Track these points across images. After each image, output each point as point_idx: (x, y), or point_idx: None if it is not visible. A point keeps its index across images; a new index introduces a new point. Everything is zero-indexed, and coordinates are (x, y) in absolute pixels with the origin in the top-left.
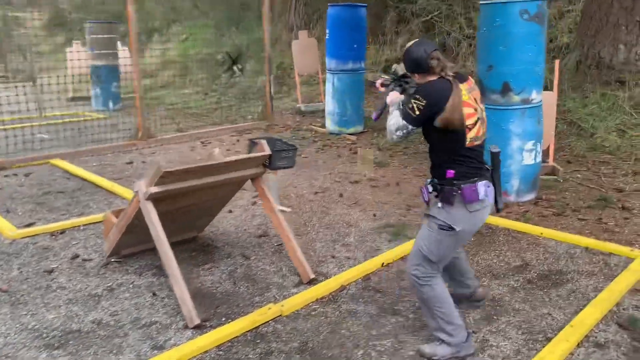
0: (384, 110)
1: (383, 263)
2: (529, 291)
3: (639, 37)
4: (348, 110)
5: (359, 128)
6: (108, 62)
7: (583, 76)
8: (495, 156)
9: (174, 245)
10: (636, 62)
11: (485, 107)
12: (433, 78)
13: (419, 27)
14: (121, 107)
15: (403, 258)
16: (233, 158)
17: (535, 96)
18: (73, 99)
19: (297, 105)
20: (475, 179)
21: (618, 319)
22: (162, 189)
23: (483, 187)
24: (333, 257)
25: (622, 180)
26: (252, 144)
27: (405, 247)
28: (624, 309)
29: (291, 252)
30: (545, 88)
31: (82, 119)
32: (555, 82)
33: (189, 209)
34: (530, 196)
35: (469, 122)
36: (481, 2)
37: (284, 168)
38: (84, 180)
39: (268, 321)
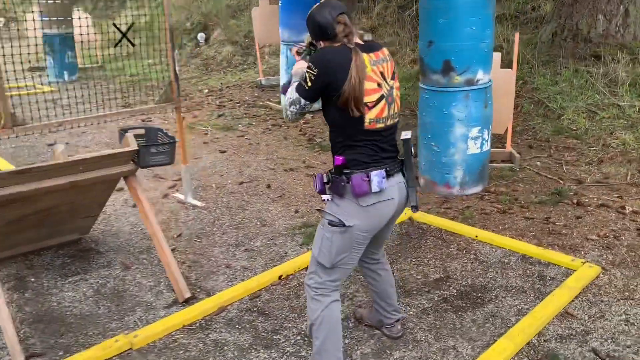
0: (291, 82)
1: (281, 276)
2: (439, 314)
3: (620, 7)
4: None
5: (316, 105)
6: (61, 30)
7: (558, 50)
8: (405, 143)
9: (49, 249)
10: (615, 35)
11: (427, 89)
12: (334, 45)
13: None
14: (77, 79)
15: (306, 269)
16: (75, 158)
17: (481, 76)
18: (30, 69)
19: (258, 79)
20: (372, 168)
21: (535, 355)
22: None
23: (378, 177)
24: (227, 267)
25: (585, 170)
26: (121, 135)
27: None
28: (545, 341)
29: (166, 267)
30: (509, 65)
31: (28, 91)
32: (515, 57)
33: (50, 212)
34: (477, 189)
35: (368, 99)
36: None
37: (157, 165)
38: None
39: (112, 357)
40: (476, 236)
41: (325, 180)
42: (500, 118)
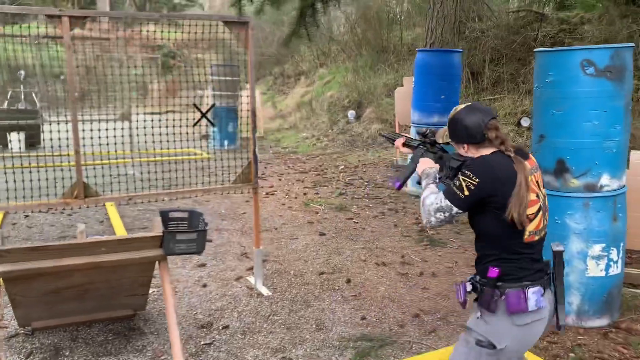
0: (409, 178)
1: None
2: None
3: None
4: None
5: None
6: (227, 103)
7: None
8: (557, 256)
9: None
10: None
11: None
12: (487, 152)
13: None
14: (234, 148)
15: None
16: (97, 239)
17: (607, 182)
18: (202, 137)
19: (394, 159)
20: (527, 283)
21: None
22: (6, 268)
23: (535, 295)
24: None
25: None
26: (163, 218)
27: None
28: None
29: None
30: None
31: (185, 157)
32: None
33: (86, 287)
34: (601, 322)
35: (530, 211)
36: (537, 49)
37: (184, 254)
38: None
39: None
40: None
41: (469, 289)
42: None
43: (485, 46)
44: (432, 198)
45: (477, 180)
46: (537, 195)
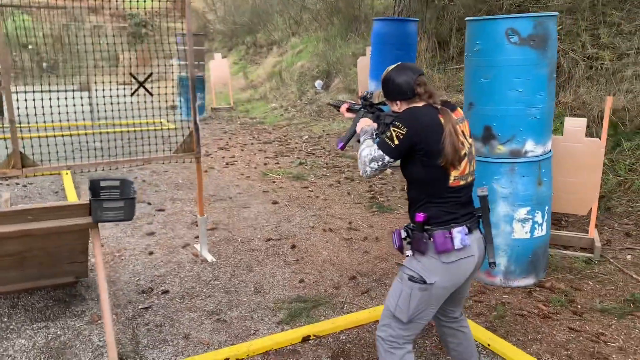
0: (351, 138)
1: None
2: None
3: None
4: None
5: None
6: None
7: None
8: (482, 200)
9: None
10: None
11: None
12: (418, 105)
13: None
14: (203, 118)
15: (262, 355)
16: (22, 207)
17: (531, 147)
18: (171, 107)
19: None
20: (453, 224)
21: None
22: None
23: (460, 234)
24: (185, 337)
25: None
26: (94, 186)
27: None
28: None
29: (105, 329)
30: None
31: (151, 128)
32: (605, 124)
33: (24, 255)
34: (526, 281)
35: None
36: (467, 18)
37: (111, 221)
38: None
39: None
40: (488, 345)
41: (403, 236)
42: (582, 197)
43: (452, 15)
44: (367, 150)
45: (405, 129)
46: (462, 143)
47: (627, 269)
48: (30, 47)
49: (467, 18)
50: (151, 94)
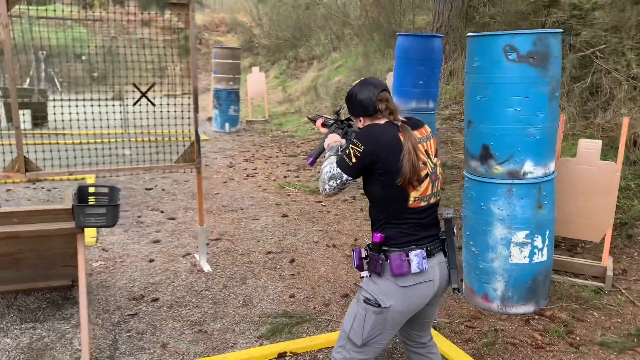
0: (320, 154)
1: None
2: None
3: None
4: None
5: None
6: (228, 86)
7: None
8: (447, 222)
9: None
10: None
11: (466, 176)
12: (379, 122)
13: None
14: (236, 130)
15: None
16: (7, 209)
17: (530, 168)
18: (208, 119)
19: None
20: (411, 246)
21: None
22: None
23: (417, 258)
24: (163, 346)
25: None
26: (81, 192)
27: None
28: None
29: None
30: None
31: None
32: (621, 147)
33: (15, 257)
34: (525, 308)
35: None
36: (468, 34)
37: (94, 227)
38: None
39: None
40: None
41: (363, 255)
42: (596, 222)
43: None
44: (328, 167)
45: (362, 147)
46: (425, 163)
47: (638, 301)
48: (83, 57)
49: (468, 34)
50: (153, 104)
